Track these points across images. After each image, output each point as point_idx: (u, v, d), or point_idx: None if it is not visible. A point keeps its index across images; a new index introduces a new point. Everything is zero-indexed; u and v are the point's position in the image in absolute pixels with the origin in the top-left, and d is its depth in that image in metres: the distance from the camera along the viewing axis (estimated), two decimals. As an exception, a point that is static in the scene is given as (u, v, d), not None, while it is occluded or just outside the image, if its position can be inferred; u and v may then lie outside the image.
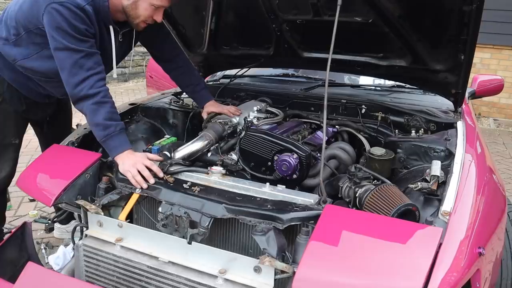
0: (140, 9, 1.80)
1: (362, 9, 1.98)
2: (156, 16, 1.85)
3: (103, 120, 1.73)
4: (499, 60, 6.77)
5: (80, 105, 1.75)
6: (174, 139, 2.16)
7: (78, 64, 1.69)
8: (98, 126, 1.74)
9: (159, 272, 1.45)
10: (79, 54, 1.69)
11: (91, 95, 1.71)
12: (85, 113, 1.77)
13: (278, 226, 1.42)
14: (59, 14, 1.65)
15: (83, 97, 1.71)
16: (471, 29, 1.76)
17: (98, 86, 1.73)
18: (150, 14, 1.83)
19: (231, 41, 2.63)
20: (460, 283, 1.20)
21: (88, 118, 1.77)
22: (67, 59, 1.69)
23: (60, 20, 1.65)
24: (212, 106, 2.28)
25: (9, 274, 1.89)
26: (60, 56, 1.71)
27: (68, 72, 1.70)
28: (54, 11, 1.65)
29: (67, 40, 1.67)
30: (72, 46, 1.68)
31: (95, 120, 1.74)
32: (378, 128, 2.24)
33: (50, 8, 1.66)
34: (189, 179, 1.69)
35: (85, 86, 1.70)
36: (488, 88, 3.16)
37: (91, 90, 1.70)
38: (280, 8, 2.21)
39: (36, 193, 1.80)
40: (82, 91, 1.70)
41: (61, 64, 1.72)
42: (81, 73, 1.69)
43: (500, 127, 6.74)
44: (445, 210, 1.35)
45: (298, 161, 1.78)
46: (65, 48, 1.68)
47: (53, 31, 1.67)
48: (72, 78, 1.69)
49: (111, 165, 1.82)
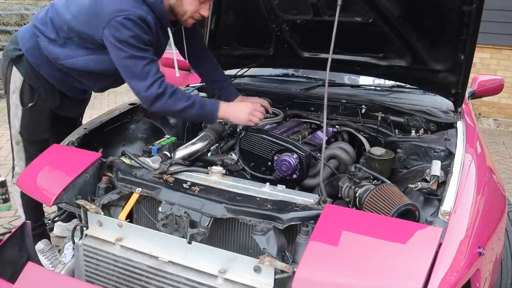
0: (185, 4, 1.84)
1: (362, 9, 1.98)
2: (202, 11, 1.88)
3: (186, 101, 1.81)
4: (499, 60, 6.77)
5: (157, 105, 1.80)
6: (174, 139, 2.16)
7: (145, 69, 1.75)
8: (187, 109, 1.81)
9: (159, 272, 1.45)
10: (144, 61, 1.76)
11: (162, 92, 1.78)
12: (165, 110, 1.84)
13: (278, 226, 1.42)
14: (124, 27, 1.70)
15: (156, 97, 1.77)
16: (471, 29, 1.76)
17: (164, 85, 1.80)
18: (195, 9, 1.86)
19: (231, 41, 2.64)
20: (460, 283, 1.20)
21: (172, 113, 1.90)
22: (134, 66, 1.75)
23: (126, 32, 1.71)
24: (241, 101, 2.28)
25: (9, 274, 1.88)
26: (126, 64, 1.76)
27: (137, 79, 1.77)
28: (119, 24, 1.70)
29: (134, 50, 1.74)
30: (140, 54, 1.75)
31: (180, 106, 1.80)
32: (378, 128, 2.24)
33: (114, 22, 1.71)
34: (189, 179, 1.69)
35: (154, 87, 1.76)
36: (488, 88, 3.16)
37: (160, 89, 1.77)
38: (280, 8, 2.21)
39: (36, 193, 1.80)
40: (153, 92, 1.77)
41: (127, 71, 1.78)
42: (149, 77, 1.76)
43: (500, 127, 6.74)
44: (445, 210, 1.35)
45: (298, 161, 1.78)
46: (131, 57, 1.74)
47: (118, 43, 1.73)
48: (141, 83, 1.76)
49: (111, 165, 1.82)
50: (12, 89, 2.06)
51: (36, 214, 2.28)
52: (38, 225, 2.28)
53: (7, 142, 4.82)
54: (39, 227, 2.30)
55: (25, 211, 2.24)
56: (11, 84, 2.05)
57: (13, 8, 7.02)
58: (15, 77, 2.03)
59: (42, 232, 2.32)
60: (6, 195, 3.23)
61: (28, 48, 1.98)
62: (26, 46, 1.98)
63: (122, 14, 1.70)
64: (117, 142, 2.30)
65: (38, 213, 2.31)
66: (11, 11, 6.93)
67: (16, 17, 7.00)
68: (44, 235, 2.31)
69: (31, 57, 1.98)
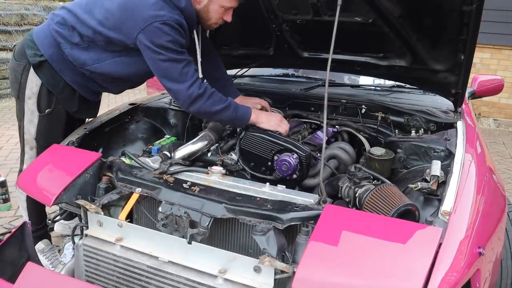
0: (211, 12, 1.90)
1: (362, 9, 1.98)
2: (226, 17, 1.94)
3: (223, 103, 1.86)
4: (499, 60, 6.77)
5: (196, 105, 1.83)
6: (174, 139, 2.17)
7: (183, 71, 1.79)
8: (223, 110, 1.86)
9: (159, 272, 1.45)
10: (182, 63, 1.79)
11: (202, 93, 1.82)
12: (202, 111, 1.86)
13: (278, 226, 1.42)
14: (163, 32, 1.73)
15: (196, 97, 1.81)
16: (471, 29, 1.76)
17: (203, 85, 1.84)
18: (220, 16, 1.92)
19: (231, 41, 2.64)
20: (460, 283, 1.20)
21: (208, 115, 1.90)
22: (173, 69, 1.79)
23: (165, 37, 1.74)
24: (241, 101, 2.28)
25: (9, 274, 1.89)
26: (165, 67, 1.79)
27: (176, 81, 1.80)
28: (157, 29, 1.73)
29: (172, 53, 1.77)
30: (178, 57, 1.78)
31: (217, 108, 1.85)
32: (378, 128, 2.24)
33: (152, 27, 1.72)
34: (189, 179, 1.69)
35: (194, 88, 1.80)
36: (488, 88, 3.16)
37: (201, 89, 1.81)
38: (280, 8, 2.21)
39: (36, 193, 1.80)
40: (193, 93, 1.80)
41: (166, 74, 1.81)
42: (188, 79, 1.80)
43: (500, 127, 6.74)
44: (445, 210, 1.35)
45: (298, 161, 1.78)
46: (169, 60, 1.77)
47: (156, 47, 1.75)
48: (181, 84, 1.80)
49: (111, 165, 1.82)
50: (28, 95, 2.01)
51: (40, 216, 2.28)
52: (40, 227, 2.28)
53: (7, 142, 4.82)
54: (41, 229, 2.30)
55: (29, 214, 2.22)
56: (27, 90, 2.00)
57: (13, 8, 7.02)
58: (31, 83, 1.98)
59: (44, 233, 2.32)
60: (6, 195, 3.23)
61: (51, 54, 1.95)
62: (49, 52, 1.94)
63: (159, 19, 1.72)
64: (117, 142, 2.30)
65: (41, 215, 2.30)
66: (11, 11, 6.93)
67: (16, 17, 7.00)
68: (45, 236, 2.31)
69: (55, 62, 1.95)
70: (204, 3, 1.87)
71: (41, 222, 2.29)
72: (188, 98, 1.81)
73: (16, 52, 2.04)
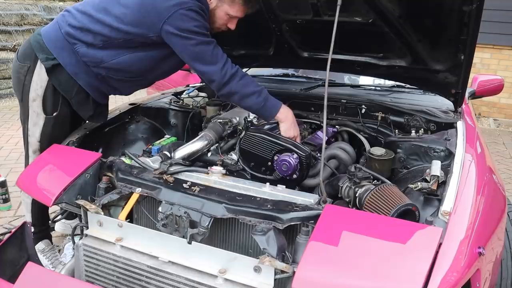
0: (217, 16, 1.94)
1: (362, 9, 1.97)
2: (230, 25, 2.00)
3: (255, 87, 1.89)
4: (499, 60, 6.77)
5: (228, 87, 1.86)
6: (174, 139, 2.16)
7: (214, 53, 1.84)
8: (254, 94, 1.88)
9: (159, 272, 1.45)
10: (211, 45, 1.84)
11: (235, 72, 1.86)
12: (234, 92, 1.88)
13: (278, 226, 1.42)
14: (189, 17, 1.78)
15: (230, 77, 1.85)
16: (471, 29, 1.75)
17: (234, 65, 1.89)
18: (224, 22, 1.98)
19: (231, 41, 2.63)
20: (460, 283, 1.20)
21: (239, 97, 1.89)
22: (205, 52, 1.83)
23: (192, 22, 1.79)
24: None
25: (9, 274, 1.89)
26: (196, 51, 1.83)
27: (209, 63, 1.84)
28: (184, 16, 1.77)
29: (201, 36, 1.82)
30: (207, 39, 1.84)
31: (249, 90, 1.87)
32: (378, 128, 2.24)
33: (178, 14, 1.76)
34: (189, 179, 1.69)
35: (227, 68, 1.85)
36: (488, 88, 3.16)
37: (233, 69, 1.86)
38: (280, 8, 2.21)
39: (36, 193, 1.80)
40: (227, 72, 1.85)
41: (198, 57, 1.84)
42: (220, 59, 1.85)
43: (500, 127, 6.74)
44: (445, 210, 1.35)
45: (298, 161, 1.78)
46: (200, 43, 1.82)
47: (185, 33, 1.79)
48: (215, 65, 1.84)
49: (111, 165, 1.82)
50: (32, 97, 1.96)
51: (43, 218, 2.26)
52: (43, 229, 2.28)
53: (7, 142, 4.82)
54: (44, 230, 2.29)
55: (34, 217, 2.20)
56: (31, 92, 1.95)
57: (13, 8, 7.01)
58: (36, 85, 1.94)
59: (45, 234, 2.32)
60: (6, 195, 3.23)
61: (65, 57, 1.91)
62: (63, 56, 1.91)
63: (184, 6, 1.76)
64: (117, 142, 2.30)
65: (45, 217, 2.29)
66: (11, 11, 6.93)
67: (16, 17, 7.00)
68: (46, 236, 2.31)
69: (69, 66, 1.92)
70: (213, 5, 1.90)
71: (44, 224, 2.29)
72: (223, 78, 1.84)
73: (19, 54, 1.99)
